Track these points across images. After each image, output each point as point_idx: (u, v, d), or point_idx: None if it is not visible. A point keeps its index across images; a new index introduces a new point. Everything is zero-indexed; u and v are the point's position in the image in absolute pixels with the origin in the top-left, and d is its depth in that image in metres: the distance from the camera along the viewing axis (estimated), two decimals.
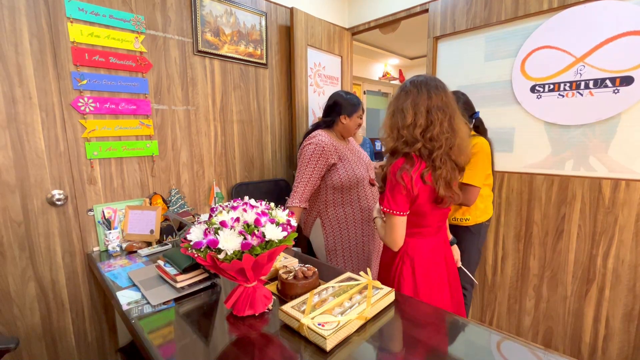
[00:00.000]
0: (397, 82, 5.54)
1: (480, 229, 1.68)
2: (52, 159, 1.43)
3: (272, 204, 0.98)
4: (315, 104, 2.47)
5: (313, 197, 1.72)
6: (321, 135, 1.64)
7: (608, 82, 1.57)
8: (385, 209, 1.12)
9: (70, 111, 1.45)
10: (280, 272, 1.08)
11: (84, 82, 1.47)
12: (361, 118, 1.74)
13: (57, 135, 1.43)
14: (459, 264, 1.49)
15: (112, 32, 1.53)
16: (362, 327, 0.87)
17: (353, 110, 1.69)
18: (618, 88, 1.55)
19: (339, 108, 1.69)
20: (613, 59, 1.55)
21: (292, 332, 0.86)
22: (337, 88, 2.68)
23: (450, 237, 1.45)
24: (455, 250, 1.49)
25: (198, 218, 0.94)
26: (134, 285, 1.18)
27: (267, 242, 0.87)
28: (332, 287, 1.01)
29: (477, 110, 1.71)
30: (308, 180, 1.60)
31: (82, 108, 1.47)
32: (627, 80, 1.52)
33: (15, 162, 1.34)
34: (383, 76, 5.36)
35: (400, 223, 1.12)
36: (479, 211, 1.67)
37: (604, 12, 1.56)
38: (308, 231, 1.82)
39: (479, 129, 1.69)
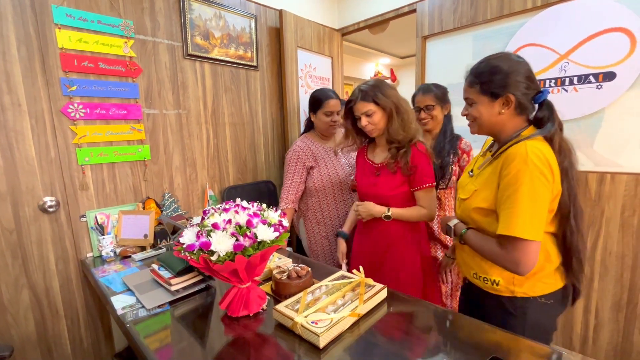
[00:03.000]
0: (388, 81, 5.56)
1: (526, 308, 0.90)
2: (43, 165, 1.42)
3: (264, 205, 0.99)
4: (306, 105, 2.47)
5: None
6: (299, 141, 1.73)
7: (591, 78, 1.61)
8: (432, 184, 1.30)
9: (60, 117, 1.45)
10: (274, 272, 1.09)
11: (74, 88, 1.46)
12: (329, 115, 1.63)
13: (48, 141, 1.43)
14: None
15: (100, 37, 1.53)
16: (355, 324, 0.89)
17: (315, 107, 1.66)
18: (601, 84, 1.59)
19: (309, 105, 1.74)
20: (595, 55, 1.59)
21: (287, 330, 0.87)
22: None
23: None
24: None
25: (191, 221, 0.95)
26: (129, 289, 1.18)
27: (259, 242, 0.88)
28: (326, 285, 1.02)
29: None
30: (291, 184, 1.68)
31: (72, 114, 1.47)
32: (610, 76, 1.56)
33: (6, 170, 1.34)
34: (375, 75, 5.39)
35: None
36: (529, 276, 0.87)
37: (586, 10, 1.59)
38: (297, 230, 1.89)
39: (542, 121, 0.91)
